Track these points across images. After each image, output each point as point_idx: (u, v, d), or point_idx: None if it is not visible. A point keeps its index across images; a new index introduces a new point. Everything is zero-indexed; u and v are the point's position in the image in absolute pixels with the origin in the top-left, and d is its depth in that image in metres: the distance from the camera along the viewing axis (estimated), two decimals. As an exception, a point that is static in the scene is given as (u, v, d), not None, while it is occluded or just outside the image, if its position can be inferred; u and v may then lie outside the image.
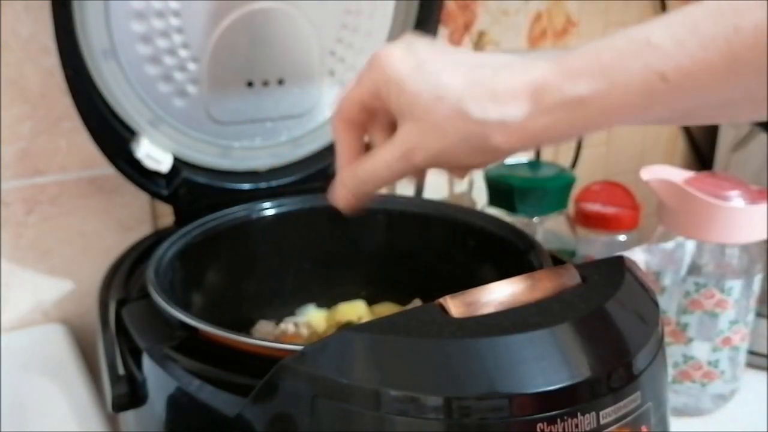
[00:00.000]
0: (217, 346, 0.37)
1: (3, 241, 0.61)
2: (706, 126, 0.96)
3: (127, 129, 0.54)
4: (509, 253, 0.48)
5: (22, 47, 0.57)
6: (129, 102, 0.54)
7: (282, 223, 0.55)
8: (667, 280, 0.57)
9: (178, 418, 0.37)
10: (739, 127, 0.83)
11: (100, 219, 0.64)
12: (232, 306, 0.54)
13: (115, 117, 0.53)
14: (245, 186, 0.59)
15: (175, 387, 0.36)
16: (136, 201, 0.65)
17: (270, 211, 0.55)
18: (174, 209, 0.58)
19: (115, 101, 0.53)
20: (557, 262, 0.46)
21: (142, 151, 0.54)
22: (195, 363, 0.37)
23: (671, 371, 0.58)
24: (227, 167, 0.59)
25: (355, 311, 0.57)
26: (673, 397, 0.58)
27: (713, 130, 0.94)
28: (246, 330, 0.55)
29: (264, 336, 0.54)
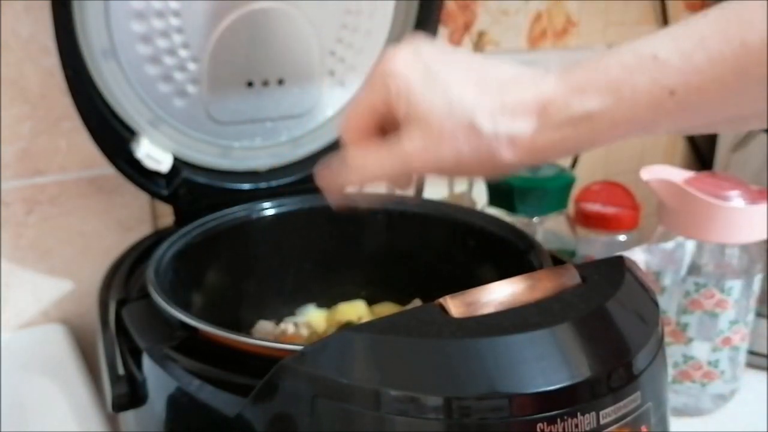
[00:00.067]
0: (217, 346, 0.37)
1: (3, 241, 0.60)
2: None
3: (127, 129, 0.54)
4: (509, 253, 0.48)
5: (22, 47, 0.57)
6: (129, 102, 0.54)
7: (282, 223, 0.55)
8: (667, 280, 0.57)
9: (178, 418, 0.37)
10: (739, 127, 0.83)
11: (100, 219, 0.64)
12: (232, 306, 0.54)
13: (115, 117, 0.53)
14: (245, 186, 0.59)
15: (175, 387, 0.36)
16: (136, 201, 0.65)
17: (270, 211, 0.55)
18: (174, 209, 0.58)
19: (115, 101, 0.53)
20: (557, 262, 0.46)
21: (142, 151, 0.54)
22: (195, 363, 0.37)
23: (671, 371, 0.58)
24: (227, 167, 0.59)
25: (355, 311, 0.57)
26: (673, 397, 0.58)
27: (713, 130, 0.94)
28: (246, 330, 0.55)
29: (264, 336, 0.54)
